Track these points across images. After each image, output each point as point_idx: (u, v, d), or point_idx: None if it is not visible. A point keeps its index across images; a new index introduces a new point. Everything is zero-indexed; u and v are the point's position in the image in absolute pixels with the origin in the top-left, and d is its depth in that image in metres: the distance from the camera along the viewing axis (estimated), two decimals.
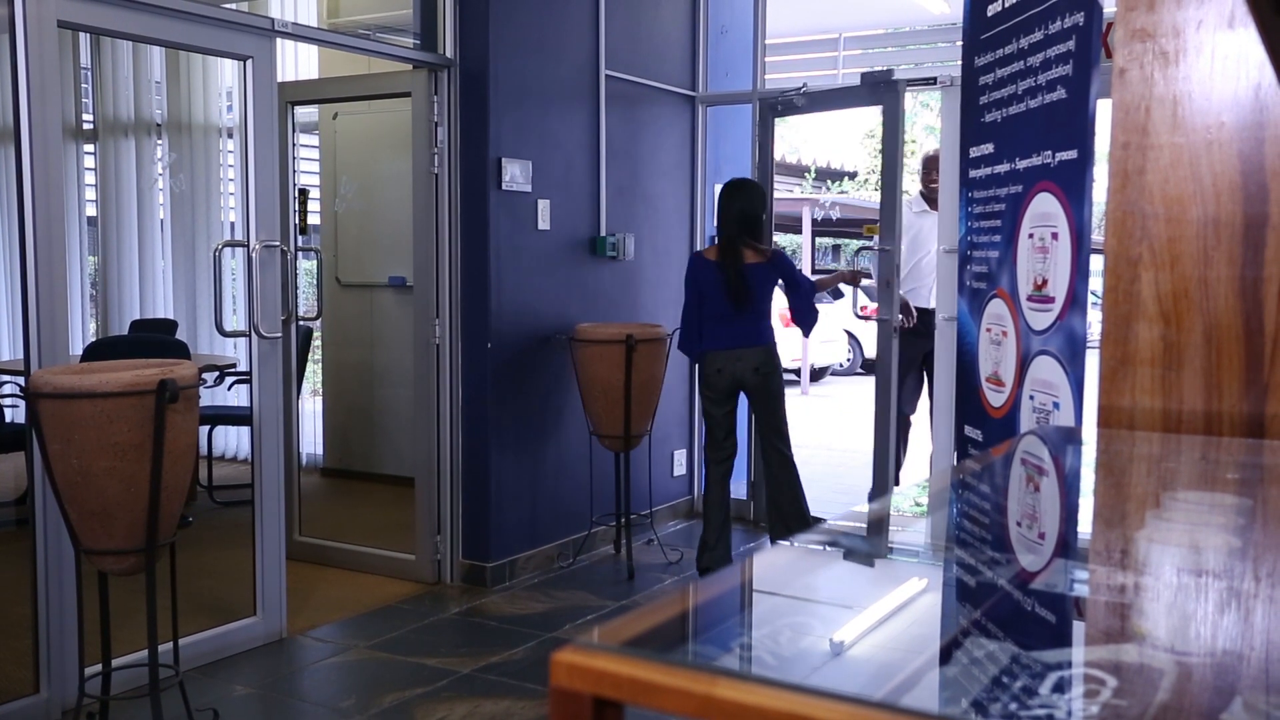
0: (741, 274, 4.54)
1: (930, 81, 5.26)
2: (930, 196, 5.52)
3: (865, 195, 21.68)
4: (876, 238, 5.35)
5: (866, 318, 5.80)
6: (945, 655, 0.82)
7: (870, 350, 14.47)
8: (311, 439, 6.73)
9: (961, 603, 0.99)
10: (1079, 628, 0.91)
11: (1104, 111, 2.24)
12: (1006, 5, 3.61)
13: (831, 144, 18.72)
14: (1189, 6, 1.43)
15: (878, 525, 1.27)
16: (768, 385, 4.65)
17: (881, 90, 5.22)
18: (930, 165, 5.60)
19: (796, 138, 18.87)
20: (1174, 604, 0.87)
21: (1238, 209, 1.41)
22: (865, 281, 5.42)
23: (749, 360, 4.60)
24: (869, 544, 1.17)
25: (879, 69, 5.42)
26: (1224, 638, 0.80)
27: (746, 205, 4.62)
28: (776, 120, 5.78)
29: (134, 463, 2.90)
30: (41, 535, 3.32)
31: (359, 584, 4.76)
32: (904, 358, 5.54)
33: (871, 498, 5.32)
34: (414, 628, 4.24)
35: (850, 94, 5.51)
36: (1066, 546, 1.14)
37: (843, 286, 5.56)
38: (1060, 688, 0.70)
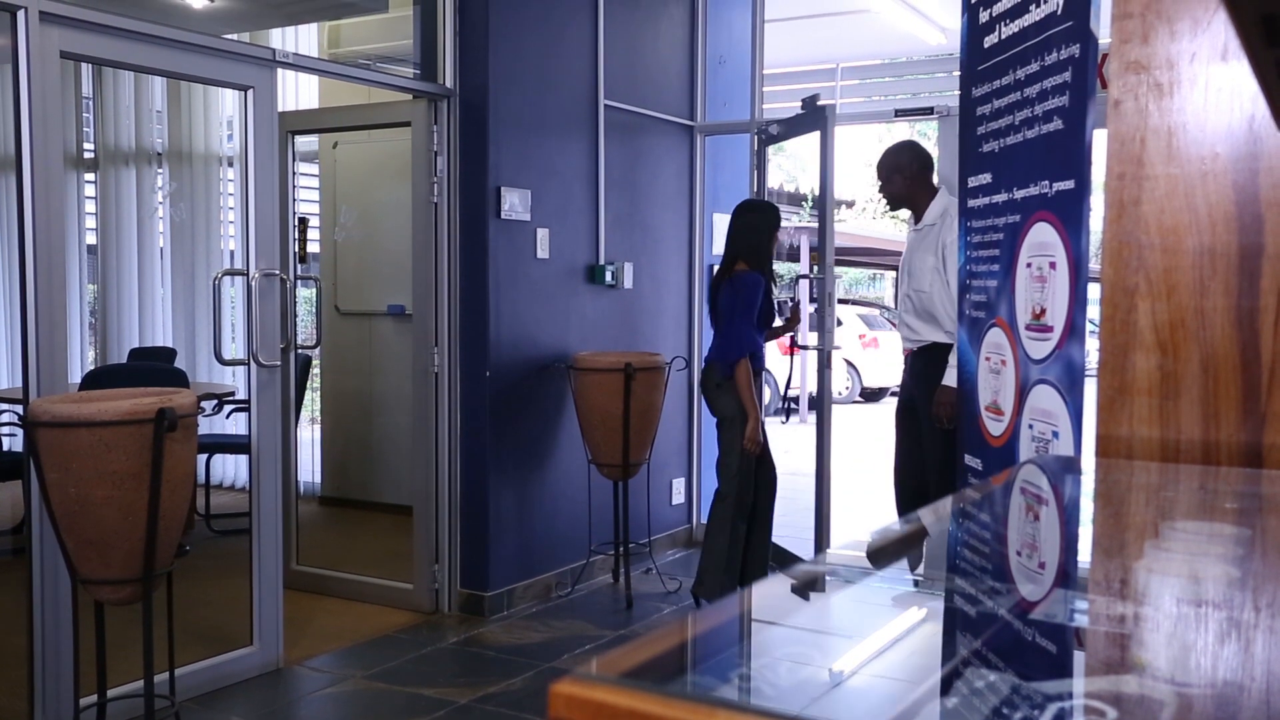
0: (715, 290, 4.76)
1: (927, 111, 5.29)
2: (911, 205, 4.43)
3: (864, 224, 21.73)
4: (818, 266, 5.05)
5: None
6: (945, 685, 0.82)
7: (870, 379, 14.56)
8: (310, 467, 6.71)
9: (961, 632, 0.99)
10: (1079, 658, 0.90)
11: (1100, 142, 2.25)
12: (1003, 37, 3.63)
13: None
14: (1183, 39, 1.45)
15: (877, 555, 1.27)
16: (713, 402, 4.72)
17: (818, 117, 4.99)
18: (884, 165, 4.43)
19: (795, 166, 18.94)
20: (1174, 634, 0.87)
21: (1233, 239, 1.42)
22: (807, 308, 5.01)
23: (705, 374, 4.76)
24: (868, 573, 1.17)
25: (812, 95, 5.17)
26: (1224, 668, 0.80)
27: (742, 225, 4.72)
28: (774, 149, 5.74)
29: (132, 491, 2.89)
30: (38, 564, 3.30)
31: (356, 613, 4.74)
32: (899, 417, 4.53)
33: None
34: (411, 657, 4.22)
35: (794, 123, 5.34)
36: (1066, 576, 1.14)
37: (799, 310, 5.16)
38: (1061, 718, 0.70)
